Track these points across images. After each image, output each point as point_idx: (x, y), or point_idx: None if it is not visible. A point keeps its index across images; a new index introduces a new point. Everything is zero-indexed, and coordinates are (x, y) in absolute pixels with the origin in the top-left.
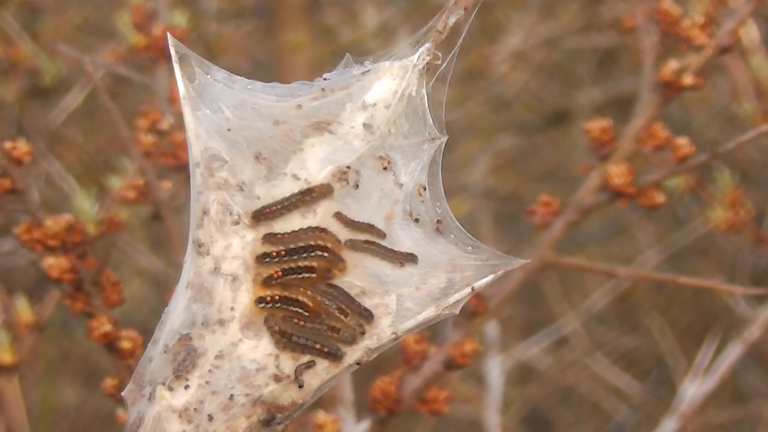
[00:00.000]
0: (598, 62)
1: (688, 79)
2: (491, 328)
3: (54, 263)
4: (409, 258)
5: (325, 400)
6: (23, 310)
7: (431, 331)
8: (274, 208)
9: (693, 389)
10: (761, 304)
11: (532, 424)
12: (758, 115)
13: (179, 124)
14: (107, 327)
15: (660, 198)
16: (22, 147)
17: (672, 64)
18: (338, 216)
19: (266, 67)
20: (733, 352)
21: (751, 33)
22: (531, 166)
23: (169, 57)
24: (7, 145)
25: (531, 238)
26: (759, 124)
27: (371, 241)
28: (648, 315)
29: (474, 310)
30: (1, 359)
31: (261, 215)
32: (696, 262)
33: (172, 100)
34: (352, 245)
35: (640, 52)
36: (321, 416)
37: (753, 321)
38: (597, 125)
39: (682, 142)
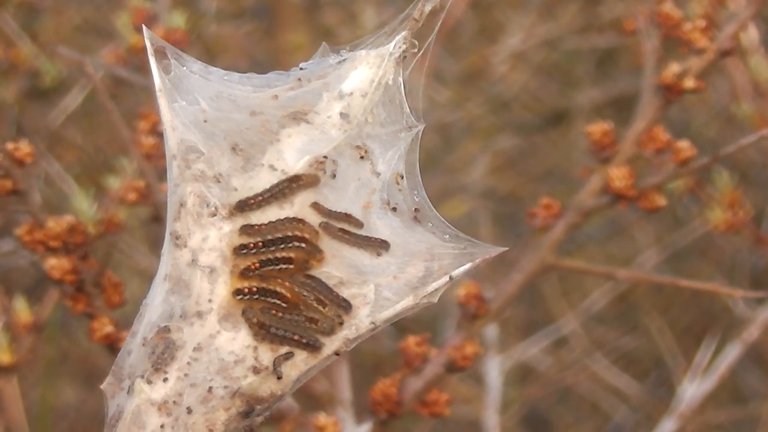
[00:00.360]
0: (598, 63)
1: (689, 83)
2: (490, 329)
3: (55, 264)
4: (383, 245)
5: (324, 402)
6: (22, 310)
7: (432, 333)
8: (260, 198)
9: (692, 389)
10: (760, 305)
11: (531, 425)
12: (757, 116)
13: None
14: (109, 328)
15: (661, 201)
16: (24, 148)
17: (673, 68)
18: (315, 206)
19: (266, 68)
20: (732, 352)
21: (750, 34)
22: (530, 166)
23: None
24: (10, 146)
25: (530, 239)
26: (757, 125)
27: (346, 230)
28: (647, 315)
29: (475, 313)
30: (0, 360)
31: (245, 206)
32: (695, 262)
33: None
34: (326, 228)
35: (641, 55)
36: (322, 418)
37: (752, 321)
38: (598, 128)
39: (684, 145)
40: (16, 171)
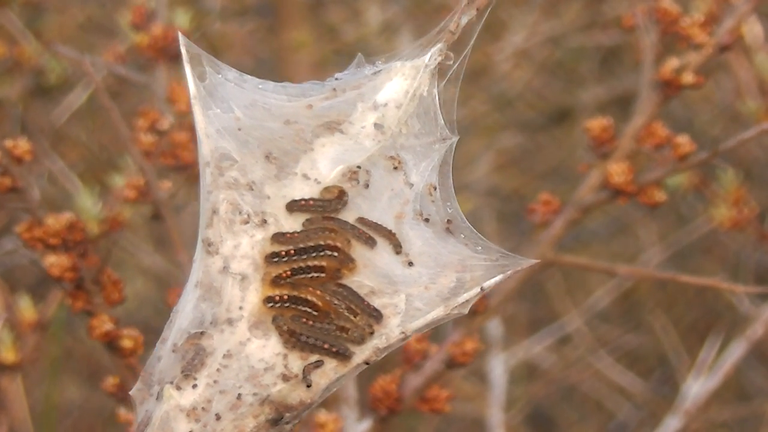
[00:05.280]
0: (602, 60)
1: (688, 78)
2: (494, 327)
3: (55, 262)
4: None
5: (328, 399)
6: (26, 308)
7: (432, 329)
8: (311, 202)
9: (696, 387)
10: (765, 302)
11: (535, 423)
12: (762, 113)
13: (179, 124)
14: (108, 326)
15: (660, 196)
16: (22, 145)
17: (672, 63)
18: (362, 221)
19: (270, 66)
20: (737, 350)
21: (754, 30)
22: (534, 164)
23: (171, 57)
24: (8, 143)
25: (531, 236)
26: (762, 122)
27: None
28: (651, 313)
29: (475, 309)
30: (5, 358)
31: (295, 206)
32: (699, 260)
33: (171, 99)
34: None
35: (641, 51)
36: (322, 415)
37: (756, 319)
38: (597, 123)
39: (683, 140)
40: (14, 168)
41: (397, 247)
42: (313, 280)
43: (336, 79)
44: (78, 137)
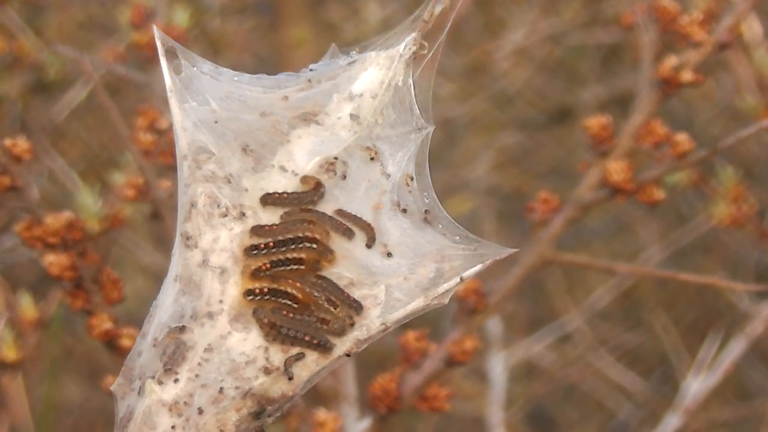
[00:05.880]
0: (602, 59)
1: (686, 76)
2: (494, 325)
3: (54, 261)
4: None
5: (328, 397)
6: (27, 306)
7: (431, 328)
8: (285, 195)
9: (696, 385)
10: (764, 300)
11: (535, 422)
12: (761, 109)
13: None
14: (107, 324)
15: (659, 194)
16: (21, 144)
17: (671, 61)
18: (341, 213)
19: (270, 64)
20: (737, 348)
21: (753, 28)
22: (534, 163)
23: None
24: (7, 142)
25: (529, 233)
26: (762, 118)
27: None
28: (651, 312)
29: (474, 307)
30: (6, 356)
31: (269, 199)
32: (699, 258)
33: None
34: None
35: (640, 49)
36: (322, 414)
37: (756, 317)
38: (596, 122)
39: (682, 138)
40: (13, 167)
41: (371, 241)
42: (292, 272)
43: (311, 70)
44: (78, 134)
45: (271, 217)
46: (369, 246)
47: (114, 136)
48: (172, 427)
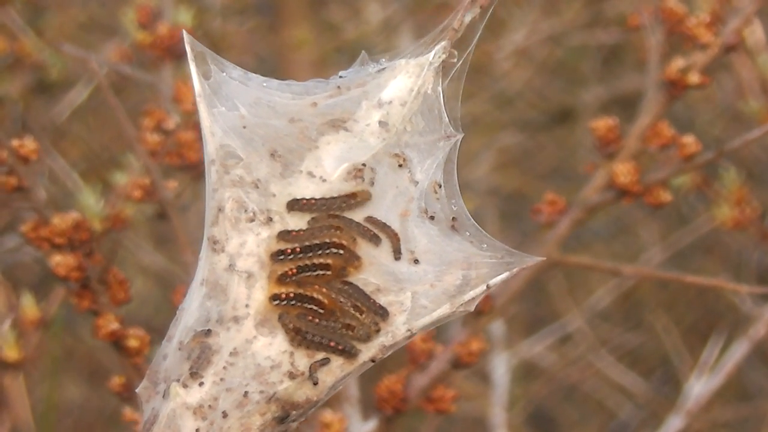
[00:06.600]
0: (603, 59)
1: (693, 78)
2: (497, 326)
3: (61, 261)
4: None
5: (331, 398)
6: (29, 306)
7: (437, 329)
8: (312, 201)
9: (698, 387)
10: (767, 302)
11: (536, 422)
12: (764, 113)
13: (184, 124)
14: (114, 325)
15: (666, 196)
16: (29, 144)
17: (677, 63)
18: (370, 220)
19: (270, 64)
20: (739, 349)
21: (756, 32)
22: (535, 163)
23: (177, 55)
24: (14, 142)
25: (536, 236)
26: (765, 122)
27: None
28: (653, 312)
29: (480, 309)
30: (7, 356)
31: (296, 205)
32: (701, 259)
33: (177, 99)
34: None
35: (646, 51)
36: (328, 415)
37: (759, 319)
38: (603, 123)
39: (689, 140)
40: (20, 168)
41: (397, 253)
42: (318, 277)
43: (340, 77)
44: (79, 135)
45: (298, 222)
46: (396, 258)
47: (115, 136)
48: (197, 430)
